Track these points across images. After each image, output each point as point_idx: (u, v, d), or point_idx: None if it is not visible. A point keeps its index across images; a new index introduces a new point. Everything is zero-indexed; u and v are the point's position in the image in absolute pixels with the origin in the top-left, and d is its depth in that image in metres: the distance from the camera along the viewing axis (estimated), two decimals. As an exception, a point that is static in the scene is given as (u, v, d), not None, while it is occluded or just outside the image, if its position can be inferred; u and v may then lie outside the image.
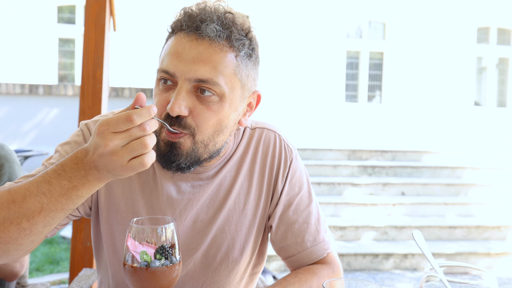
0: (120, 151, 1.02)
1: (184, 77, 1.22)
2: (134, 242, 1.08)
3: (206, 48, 1.23)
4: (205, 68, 1.22)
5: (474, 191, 7.55)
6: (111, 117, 1.03)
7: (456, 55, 12.18)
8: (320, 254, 1.48)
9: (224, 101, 1.27)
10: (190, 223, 1.41)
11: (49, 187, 1.09)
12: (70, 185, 1.08)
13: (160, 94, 1.27)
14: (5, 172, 1.93)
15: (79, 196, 1.11)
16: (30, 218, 1.11)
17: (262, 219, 1.48)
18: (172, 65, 1.23)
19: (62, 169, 1.09)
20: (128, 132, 1.02)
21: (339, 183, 7.33)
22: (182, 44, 1.24)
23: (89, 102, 3.06)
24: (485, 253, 5.95)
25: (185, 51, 1.23)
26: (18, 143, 7.97)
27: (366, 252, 5.82)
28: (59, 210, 1.12)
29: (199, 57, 1.22)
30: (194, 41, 1.23)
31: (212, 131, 1.29)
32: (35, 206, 1.10)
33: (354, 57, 12.40)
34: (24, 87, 8.00)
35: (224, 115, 1.29)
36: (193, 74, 1.22)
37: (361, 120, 12.14)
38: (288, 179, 1.48)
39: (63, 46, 11.07)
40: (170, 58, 1.24)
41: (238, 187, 1.44)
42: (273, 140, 1.50)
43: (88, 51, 3.07)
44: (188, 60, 1.22)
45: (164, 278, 1.07)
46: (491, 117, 12.52)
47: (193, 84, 1.23)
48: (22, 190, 1.12)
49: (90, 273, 2.04)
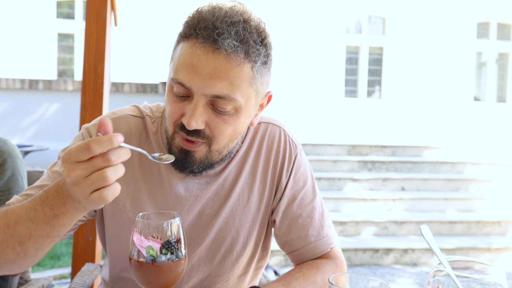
0: (81, 183, 0.98)
1: (201, 92, 1.19)
2: (140, 237, 1.08)
3: (223, 63, 1.18)
4: (222, 84, 1.19)
5: (474, 186, 7.56)
6: (73, 146, 0.99)
7: (456, 50, 12.17)
8: (324, 248, 1.48)
9: (239, 112, 1.25)
10: (196, 217, 1.42)
11: (35, 213, 1.10)
12: (52, 213, 1.08)
13: (175, 103, 1.25)
14: (8, 167, 1.93)
15: (61, 225, 1.11)
16: (22, 243, 1.14)
17: (266, 213, 1.48)
18: (188, 79, 1.19)
19: (46, 196, 1.10)
20: (90, 162, 0.97)
21: (339, 178, 7.34)
22: (198, 57, 1.19)
23: (90, 97, 3.06)
24: (485, 248, 5.96)
25: (202, 64, 1.18)
26: (18, 138, 7.96)
27: (366, 247, 5.82)
28: (45, 237, 1.13)
29: (216, 72, 1.18)
30: (210, 54, 1.18)
31: (227, 140, 1.29)
32: (25, 232, 1.12)
33: (354, 52, 12.38)
34: (24, 82, 7.99)
35: (239, 124, 1.28)
36: (210, 90, 1.19)
37: (361, 116, 12.13)
38: (293, 174, 1.49)
39: (62, 41, 11.05)
40: (186, 71, 1.20)
41: (243, 181, 1.44)
42: (278, 135, 1.50)
43: (89, 46, 3.07)
44: (205, 75, 1.18)
45: (170, 273, 1.07)
46: (491, 112, 12.52)
47: (210, 98, 1.21)
48: (15, 215, 1.14)
49: (93, 268, 2.04)
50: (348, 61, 12.35)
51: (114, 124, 1.40)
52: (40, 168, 2.26)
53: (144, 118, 1.45)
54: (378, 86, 12.48)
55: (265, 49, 1.26)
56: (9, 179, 1.92)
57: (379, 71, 12.41)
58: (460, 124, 12.16)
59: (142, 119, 1.44)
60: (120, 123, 1.42)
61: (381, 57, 12.37)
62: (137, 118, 1.44)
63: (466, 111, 12.29)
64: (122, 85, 8.14)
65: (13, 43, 10.32)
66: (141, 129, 1.43)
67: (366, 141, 8.90)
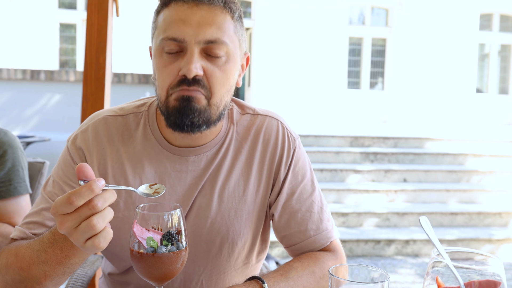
0: (74, 233, 0.99)
1: (194, 41, 1.23)
2: (141, 228, 1.08)
3: (208, 11, 1.25)
4: (212, 29, 1.24)
5: (476, 178, 7.56)
6: (58, 199, 0.99)
7: (459, 41, 12.14)
8: (323, 242, 1.48)
9: (230, 59, 1.29)
10: (190, 209, 1.41)
11: (46, 256, 1.15)
12: (63, 254, 1.13)
13: (169, 64, 1.27)
14: (9, 158, 1.94)
15: (74, 264, 1.16)
16: (39, 283, 1.19)
17: (263, 206, 1.47)
18: (180, 31, 1.24)
19: (54, 239, 1.14)
20: (78, 213, 0.98)
21: (342, 170, 7.35)
22: (184, 11, 1.25)
23: (92, 88, 3.05)
24: (486, 239, 5.98)
25: (188, 16, 1.24)
26: (20, 128, 7.97)
27: (368, 238, 5.84)
28: (61, 275, 1.19)
29: (203, 20, 1.24)
30: (194, 7, 1.24)
31: (223, 92, 1.30)
32: (40, 274, 1.18)
33: (357, 43, 12.36)
34: (25, 73, 7.98)
35: (231, 73, 1.31)
36: (202, 36, 1.24)
37: (363, 107, 12.13)
38: (292, 167, 1.47)
39: (64, 31, 11.04)
40: (175, 25, 1.25)
41: (238, 173, 1.43)
42: (275, 128, 1.48)
43: (91, 36, 3.05)
44: (194, 24, 1.23)
45: (170, 264, 1.08)
46: (493, 104, 12.50)
47: (202, 46, 1.25)
48: (27, 258, 1.19)
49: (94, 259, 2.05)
50: (351, 52, 12.33)
51: (93, 128, 1.41)
52: (41, 159, 2.26)
53: (125, 116, 1.43)
54: (381, 78, 12.46)
55: (239, 7, 1.34)
56: (10, 170, 1.93)
57: (382, 63, 12.38)
58: (462, 116, 12.15)
59: (122, 117, 1.43)
60: (99, 127, 1.41)
61: (384, 49, 12.34)
62: (117, 118, 1.43)
63: (468, 102, 12.28)
64: (124, 76, 8.13)
65: (14, 34, 10.31)
66: (122, 127, 1.42)
67: (369, 133, 8.90)
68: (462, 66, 12.22)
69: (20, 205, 1.94)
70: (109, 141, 1.40)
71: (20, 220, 1.73)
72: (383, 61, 12.38)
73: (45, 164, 2.24)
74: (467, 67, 12.26)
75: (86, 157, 1.39)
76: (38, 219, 1.34)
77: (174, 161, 1.39)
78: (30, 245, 1.19)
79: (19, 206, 1.94)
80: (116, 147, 1.40)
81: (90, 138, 1.40)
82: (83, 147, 1.39)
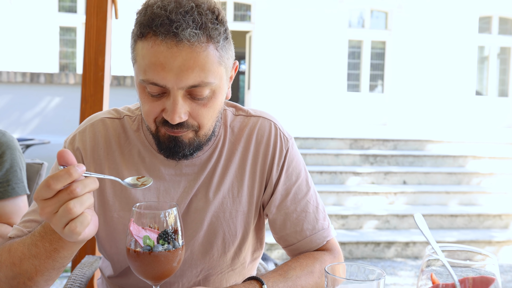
0: (53, 219, 1.00)
1: (176, 87, 1.18)
2: (137, 227, 1.08)
3: (189, 53, 1.16)
4: (194, 73, 1.17)
5: (475, 180, 7.56)
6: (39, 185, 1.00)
7: (458, 44, 12.15)
8: (319, 242, 1.48)
9: (217, 93, 1.25)
10: (185, 211, 1.41)
11: (37, 250, 1.16)
12: (52, 247, 1.14)
13: (152, 102, 1.23)
14: (7, 159, 1.94)
15: (62, 257, 1.16)
16: (31, 278, 1.20)
17: (256, 207, 1.47)
18: (160, 77, 1.17)
19: (44, 232, 1.15)
20: (56, 198, 0.98)
21: (341, 172, 7.34)
22: (163, 53, 1.16)
23: (91, 90, 3.06)
24: (486, 241, 5.97)
25: (169, 60, 1.16)
26: (20, 131, 7.97)
27: (368, 240, 5.83)
28: (51, 270, 1.19)
29: (185, 64, 1.16)
30: (174, 48, 1.15)
31: (212, 123, 1.29)
32: (31, 268, 1.19)
33: (356, 46, 12.37)
34: (25, 76, 7.99)
35: (218, 104, 1.28)
36: (184, 83, 1.17)
37: (363, 110, 12.14)
38: (285, 168, 1.47)
39: (64, 35, 11.06)
40: (154, 70, 1.17)
41: (232, 174, 1.43)
42: (268, 129, 1.48)
43: (90, 38, 3.06)
44: (175, 70, 1.16)
45: (167, 263, 1.08)
46: (493, 106, 12.51)
47: (186, 90, 1.20)
48: (19, 253, 1.19)
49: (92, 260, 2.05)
50: (351, 55, 12.35)
51: (91, 130, 1.41)
52: (39, 160, 2.26)
53: (122, 119, 1.44)
54: (381, 81, 12.47)
55: (223, 25, 1.24)
56: (8, 171, 1.93)
57: (382, 66, 12.40)
58: (462, 118, 12.15)
59: (119, 120, 1.44)
60: (97, 128, 1.42)
61: (383, 52, 12.36)
62: (114, 120, 1.44)
63: (468, 105, 12.29)
64: (124, 78, 8.13)
65: (15, 37, 10.33)
66: (119, 130, 1.42)
67: (368, 135, 8.90)
68: (462, 68, 12.23)
69: (18, 206, 1.95)
70: (106, 143, 1.40)
71: (18, 221, 1.73)
72: (382, 64, 12.39)
73: (43, 165, 2.25)
74: (467, 69, 12.27)
75: (83, 157, 1.39)
76: (35, 218, 1.35)
77: (168, 165, 1.40)
78: (23, 240, 1.20)
79: (17, 206, 1.94)
80: (112, 149, 1.40)
81: (88, 139, 1.40)
82: (80, 147, 1.39)
